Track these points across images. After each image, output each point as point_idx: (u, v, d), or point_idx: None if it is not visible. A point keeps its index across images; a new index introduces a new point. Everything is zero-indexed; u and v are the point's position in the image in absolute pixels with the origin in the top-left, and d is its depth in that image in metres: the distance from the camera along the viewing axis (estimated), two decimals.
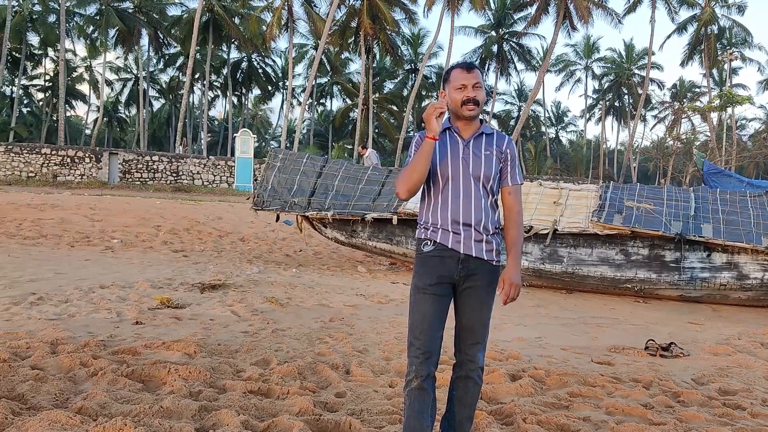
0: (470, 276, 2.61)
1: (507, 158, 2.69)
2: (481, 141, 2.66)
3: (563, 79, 58.48)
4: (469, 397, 2.69)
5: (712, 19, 41.39)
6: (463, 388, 2.68)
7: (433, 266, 2.60)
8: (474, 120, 2.66)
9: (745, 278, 8.23)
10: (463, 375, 2.68)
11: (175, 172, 28.92)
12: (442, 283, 2.59)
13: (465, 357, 2.67)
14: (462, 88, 2.60)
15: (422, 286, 2.60)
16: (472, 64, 2.67)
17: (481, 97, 2.62)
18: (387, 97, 50.99)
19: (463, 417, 2.70)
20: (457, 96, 2.60)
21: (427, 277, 2.59)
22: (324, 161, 10.54)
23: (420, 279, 2.62)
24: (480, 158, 2.63)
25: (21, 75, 46.47)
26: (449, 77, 2.65)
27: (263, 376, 3.90)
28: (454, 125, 2.68)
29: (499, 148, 2.67)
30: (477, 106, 2.60)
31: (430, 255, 2.61)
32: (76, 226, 12.31)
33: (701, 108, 39.88)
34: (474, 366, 2.66)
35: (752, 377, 4.65)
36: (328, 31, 35.92)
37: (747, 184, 11.87)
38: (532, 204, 9.15)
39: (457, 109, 2.63)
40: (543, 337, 5.81)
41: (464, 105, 2.60)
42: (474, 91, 2.60)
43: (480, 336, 2.65)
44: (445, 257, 2.59)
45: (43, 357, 3.97)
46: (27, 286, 6.69)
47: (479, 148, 2.64)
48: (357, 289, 7.95)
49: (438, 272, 2.59)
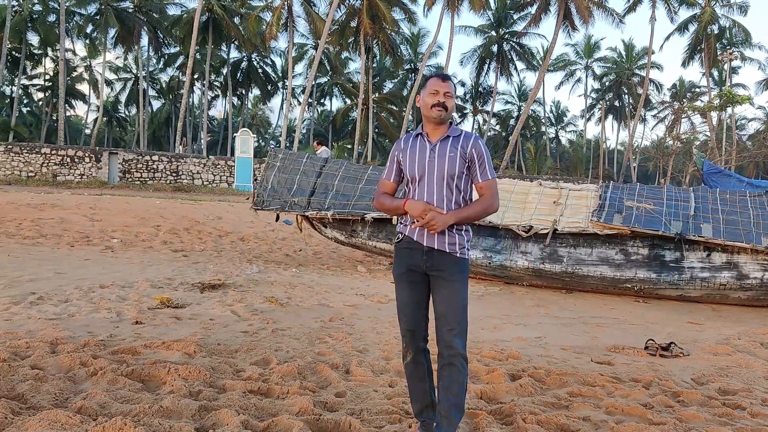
0: (435, 266, 2.87)
1: (473, 157, 2.91)
2: (447, 143, 2.90)
3: (563, 78, 58.57)
4: (454, 386, 2.80)
5: (712, 19, 41.39)
6: (447, 376, 2.82)
7: (402, 257, 2.95)
8: (442, 124, 2.91)
9: (744, 278, 8.23)
10: (445, 363, 2.82)
11: (174, 171, 28.92)
12: (411, 270, 2.91)
13: (443, 344, 2.84)
14: (435, 94, 2.87)
15: (396, 274, 2.98)
16: (447, 75, 2.95)
17: (450, 104, 2.88)
18: (387, 97, 51.01)
19: (451, 405, 2.80)
20: (429, 100, 2.88)
21: (399, 266, 2.96)
22: (324, 161, 10.54)
23: (394, 268, 3.00)
24: (444, 159, 2.87)
25: (21, 75, 46.49)
26: (426, 84, 2.94)
27: (263, 376, 3.90)
28: (425, 131, 2.95)
29: (464, 148, 2.89)
30: (445, 110, 2.86)
31: (401, 247, 2.96)
32: (76, 225, 12.32)
33: (701, 108, 39.86)
34: (453, 352, 2.80)
35: (752, 377, 4.65)
36: (327, 31, 35.92)
37: (747, 184, 11.87)
38: (532, 204, 9.15)
39: (426, 111, 2.89)
40: (543, 337, 5.81)
41: (433, 107, 2.86)
42: (444, 98, 2.86)
43: (453, 322, 2.82)
44: (412, 249, 2.91)
45: (43, 357, 3.97)
46: (27, 285, 6.69)
47: (444, 149, 2.89)
48: (357, 289, 7.95)
49: (406, 261, 2.92)
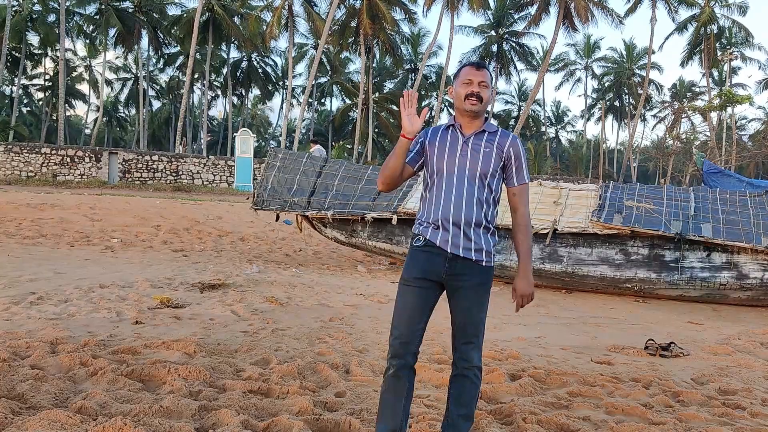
0: (458, 276, 2.63)
1: (510, 157, 2.67)
2: (482, 137, 2.66)
3: (563, 78, 58.58)
4: (465, 396, 2.69)
5: (711, 19, 41.38)
6: (459, 386, 2.70)
7: (419, 261, 2.65)
8: (477, 117, 2.66)
9: (744, 278, 8.23)
10: (458, 373, 2.70)
11: (174, 171, 28.92)
12: (426, 278, 2.63)
13: (459, 355, 2.70)
14: (468, 83, 2.63)
15: (407, 277, 2.66)
16: (482, 63, 2.71)
17: (485, 94, 2.62)
18: (387, 97, 50.96)
19: (459, 415, 2.69)
20: (462, 90, 2.63)
21: (413, 270, 2.65)
22: (324, 161, 10.54)
23: (406, 271, 2.67)
24: (478, 154, 2.62)
25: (21, 74, 46.47)
26: (459, 73, 2.69)
27: (263, 376, 3.90)
28: (458, 122, 2.69)
29: (501, 146, 2.66)
30: (479, 101, 2.61)
31: (419, 250, 2.66)
32: (76, 225, 12.32)
33: (701, 108, 39.86)
34: (468, 365, 2.67)
35: (752, 377, 4.65)
36: (328, 31, 35.91)
37: (747, 184, 11.87)
38: (531, 204, 9.10)
39: (460, 102, 2.64)
40: (543, 337, 5.81)
41: (467, 98, 2.61)
42: (479, 87, 2.61)
43: (471, 336, 2.66)
44: (432, 254, 2.63)
45: (43, 356, 3.96)
46: (27, 285, 6.69)
47: (479, 144, 2.64)
48: (357, 289, 7.95)
49: (423, 267, 2.63)
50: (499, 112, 59.90)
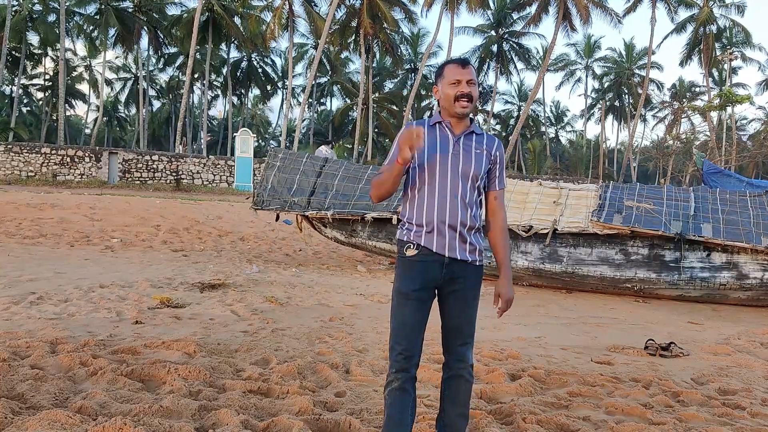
0: (455, 279, 2.57)
1: (496, 160, 2.65)
2: (471, 138, 2.61)
3: (563, 78, 58.60)
4: (461, 395, 2.67)
5: (710, 19, 41.37)
6: (454, 386, 2.66)
7: (417, 272, 2.54)
8: (465, 117, 2.61)
9: (744, 278, 8.23)
10: (453, 374, 2.66)
11: (174, 171, 28.92)
12: (426, 288, 2.55)
13: (454, 357, 2.65)
14: (456, 84, 2.54)
15: (406, 291, 2.53)
16: (466, 60, 2.62)
17: (474, 93, 2.56)
18: (387, 97, 51.01)
19: (456, 415, 2.68)
20: (451, 91, 2.55)
21: (411, 282, 2.53)
22: (324, 161, 10.54)
23: (403, 284, 2.55)
24: (471, 155, 2.57)
25: (21, 74, 46.47)
26: (443, 72, 2.59)
27: (263, 376, 3.90)
28: (446, 120, 2.62)
29: (489, 149, 2.63)
30: (470, 102, 2.54)
31: (414, 260, 2.54)
32: (76, 225, 12.31)
33: (701, 107, 39.85)
34: (464, 365, 2.64)
35: (752, 377, 4.65)
36: (328, 31, 35.91)
37: (747, 184, 11.87)
38: (531, 204, 9.14)
39: (449, 105, 2.57)
40: (543, 337, 5.81)
41: (457, 101, 2.54)
42: (468, 87, 2.54)
43: (467, 336, 2.64)
44: (429, 262, 2.53)
45: (43, 356, 3.96)
46: (27, 285, 6.69)
47: (470, 145, 2.59)
48: (357, 289, 7.95)
49: (422, 277, 2.53)
50: (499, 112, 59.90)
